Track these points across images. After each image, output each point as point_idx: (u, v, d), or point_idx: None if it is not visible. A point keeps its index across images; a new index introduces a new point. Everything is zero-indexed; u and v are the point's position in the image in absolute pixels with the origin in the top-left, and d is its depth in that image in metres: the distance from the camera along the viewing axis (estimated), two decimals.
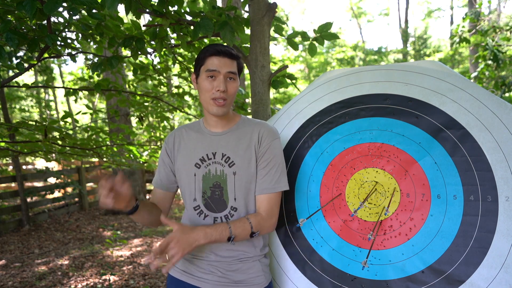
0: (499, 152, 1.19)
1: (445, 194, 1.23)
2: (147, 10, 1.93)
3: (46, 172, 6.58)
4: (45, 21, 1.87)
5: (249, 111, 3.39)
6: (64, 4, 1.63)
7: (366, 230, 1.32)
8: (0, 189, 8.97)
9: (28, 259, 4.42)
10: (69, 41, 2.40)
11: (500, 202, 1.16)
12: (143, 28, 2.33)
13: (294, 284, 1.40)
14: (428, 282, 1.19)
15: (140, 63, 3.22)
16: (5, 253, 4.71)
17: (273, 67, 9.89)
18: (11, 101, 12.00)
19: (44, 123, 2.73)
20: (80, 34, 2.41)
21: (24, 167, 10.68)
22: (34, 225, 6.05)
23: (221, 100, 1.25)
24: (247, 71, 2.21)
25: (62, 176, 6.80)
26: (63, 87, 3.24)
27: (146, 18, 10.63)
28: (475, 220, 1.18)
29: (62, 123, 2.98)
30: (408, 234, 1.26)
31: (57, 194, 7.04)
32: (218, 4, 2.12)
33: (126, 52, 3.95)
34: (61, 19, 2.31)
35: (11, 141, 3.15)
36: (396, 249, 1.27)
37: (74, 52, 2.53)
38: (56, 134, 3.00)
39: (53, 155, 3.53)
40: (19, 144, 2.98)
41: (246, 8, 1.98)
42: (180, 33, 2.16)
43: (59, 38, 2.20)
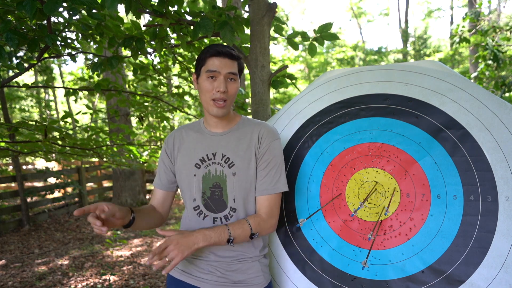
0: (499, 152, 1.19)
1: (445, 194, 1.23)
2: (147, 10, 1.93)
3: (46, 172, 6.58)
4: (45, 21, 1.87)
5: (249, 111, 3.39)
6: (64, 4, 1.63)
7: (366, 230, 1.32)
8: (0, 189, 8.97)
9: (28, 259, 4.42)
10: (69, 41, 2.40)
11: (500, 202, 1.16)
12: (143, 28, 2.33)
13: (294, 284, 1.40)
14: (428, 282, 1.19)
15: (140, 63, 3.22)
16: (5, 253, 4.71)
17: (273, 67, 9.89)
18: (11, 101, 12.01)
19: (44, 123, 2.73)
20: (80, 34, 2.41)
21: (24, 167, 10.70)
22: (34, 225, 6.05)
23: (221, 101, 1.25)
24: (247, 71, 2.21)
25: (62, 176, 6.80)
26: (63, 87, 3.24)
27: (146, 18, 10.63)
28: (475, 220, 1.18)
29: (62, 123, 2.98)
30: (408, 234, 1.26)
31: (57, 194, 7.04)
32: (218, 4, 2.12)
33: (126, 52, 3.96)
34: (61, 19, 2.31)
35: (11, 141, 3.15)
36: (396, 249, 1.27)
37: (74, 52, 2.53)
38: (56, 134, 3.00)
39: (53, 155, 3.53)
40: (19, 144, 2.97)
41: (246, 8, 1.98)
42: (180, 33, 2.16)
43: (59, 38, 2.20)
